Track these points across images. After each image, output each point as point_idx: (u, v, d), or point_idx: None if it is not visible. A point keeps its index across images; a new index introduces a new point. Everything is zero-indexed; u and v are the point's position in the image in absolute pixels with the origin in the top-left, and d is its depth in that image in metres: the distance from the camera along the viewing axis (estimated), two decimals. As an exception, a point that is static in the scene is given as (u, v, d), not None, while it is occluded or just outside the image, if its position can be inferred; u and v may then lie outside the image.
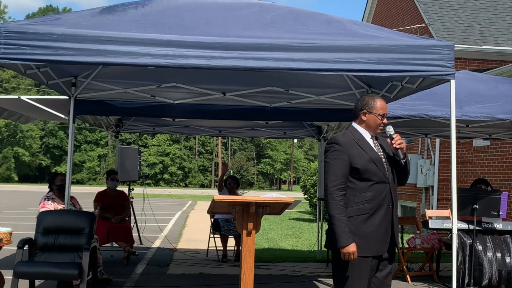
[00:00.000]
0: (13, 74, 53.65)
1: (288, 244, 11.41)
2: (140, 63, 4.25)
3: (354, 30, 4.67)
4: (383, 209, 3.64)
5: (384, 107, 3.79)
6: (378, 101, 3.79)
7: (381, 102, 3.80)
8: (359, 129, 3.78)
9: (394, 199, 3.70)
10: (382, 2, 18.91)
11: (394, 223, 3.71)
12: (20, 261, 5.29)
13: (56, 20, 4.43)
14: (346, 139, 3.71)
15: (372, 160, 3.65)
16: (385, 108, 3.81)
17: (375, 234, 3.61)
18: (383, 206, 3.64)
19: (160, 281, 7.21)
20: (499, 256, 6.96)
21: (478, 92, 7.17)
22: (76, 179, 53.79)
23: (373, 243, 3.61)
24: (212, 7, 4.91)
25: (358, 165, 3.62)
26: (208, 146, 64.01)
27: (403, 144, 3.69)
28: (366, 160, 3.64)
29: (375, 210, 3.61)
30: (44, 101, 7.57)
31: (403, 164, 3.74)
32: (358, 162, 3.63)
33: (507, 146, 11.67)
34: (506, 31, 14.27)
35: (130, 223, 9.05)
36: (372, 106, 3.75)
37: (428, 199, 14.21)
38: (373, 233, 3.61)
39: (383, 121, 3.77)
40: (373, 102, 3.77)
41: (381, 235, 3.64)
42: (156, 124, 9.01)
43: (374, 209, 3.61)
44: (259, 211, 3.97)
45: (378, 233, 3.62)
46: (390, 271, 3.80)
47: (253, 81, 6.27)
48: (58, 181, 6.77)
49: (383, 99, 3.86)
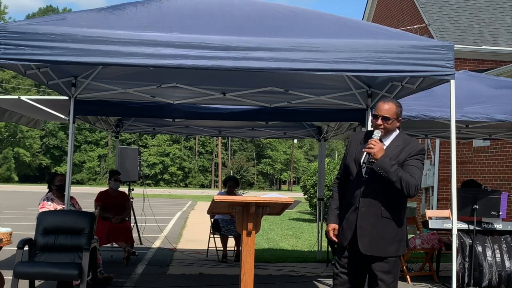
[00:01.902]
0: (13, 75, 53.64)
1: (288, 244, 11.41)
2: (140, 63, 4.25)
3: (355, 30, 4.68)
4: (352, 208, 3.87)
5: (379, 108, 3.91)
6: (379, 103, 3.97)
7: (379, 104, 3.95)
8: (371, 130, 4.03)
9: (367, 202, 3.81)
10: (382, 2, 18.91)
11: (358, 225, 3.83)
12: (20, 261, 5.29)
13: (56, 20, 4.43)
14: (357, 136, 4.06)
15: (354, 159, 3.90)
16: (379, 109, 3.91)
17: (343, 227, 3.94)
18: (353, 205, 3.87)
19: (160, 281, 7.21)
20: (499, 256, 6.96)
21: (478, 93, 7.17)
22: (76, 180, 53.79)
23: (341, 233, 3.96)
24: (212, 7, 4.91)
25: (346, 162, 3.99)
26: (208, 146, 64.03)
27: (369, 150, 3.79)
28: (350, 158, 3.94)
29: (348, 206, 3.91)
30: (44, 102, 7.57)
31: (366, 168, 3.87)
32: (347, 159, 3.99)
33: (507, 146, 11.66)
34: (506, 31, 14.27)
35: (130, 223, 9.06)
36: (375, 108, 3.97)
37: (428, 199, 14.21)
38: (342, 225, 3.95)
39: (376, 121, 3.90)
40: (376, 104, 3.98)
41: (346, 230, 3.92)
42: (156, 124, 9.01)
43: (348, 205, 3.91)
44: (259, 211, 3.97)
45: (345, 227, 3.92)
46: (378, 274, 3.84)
47: (253, 81, 6.27)
48: (57, 182, 6.77)
49: (385, 101, 3.95)
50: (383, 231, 3.82)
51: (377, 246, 3.81)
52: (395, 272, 3.90)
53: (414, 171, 3.79)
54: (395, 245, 3.85)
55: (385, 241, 3.81)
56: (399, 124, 3.99)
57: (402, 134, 4.00)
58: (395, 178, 3.72)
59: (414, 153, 3.85)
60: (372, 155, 3.76)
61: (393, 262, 3.87)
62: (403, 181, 3.72)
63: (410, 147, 3.87)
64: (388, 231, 3.82)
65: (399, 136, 3.97)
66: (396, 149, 3.87)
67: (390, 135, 3.95)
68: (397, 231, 3.85)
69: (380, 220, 3.81)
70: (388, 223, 3.81)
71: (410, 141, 3.94)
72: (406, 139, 3.97)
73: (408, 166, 3.81)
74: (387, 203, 3.80)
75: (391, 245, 3.83)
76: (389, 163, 3.75)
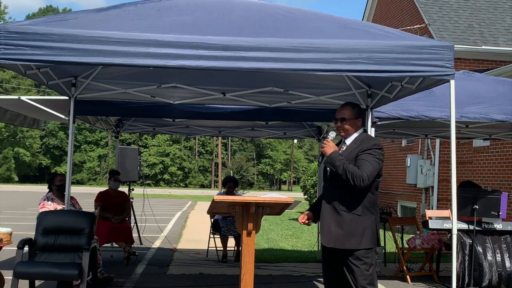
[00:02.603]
0: (13, 75, 53.64)
1: (288, 244, 11.41)
2: (140, 63, 4.25)
3: (355, 30, 4.68)
4: (325, 205, 4.12)
5: (337, 111, 4.29)
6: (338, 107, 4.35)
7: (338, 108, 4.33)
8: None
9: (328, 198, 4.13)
10: (382, 2, 18.91)
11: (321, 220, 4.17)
12: (20, 262, 5.30)
13: (56, 20, 4.43)
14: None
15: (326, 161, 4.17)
16: (337, 113, 4.28)
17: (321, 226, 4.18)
18: (325, 203, 4.12)
19: (160, 281, 7.22)
20: (499, 256, 6.96)
21: (478, 93, 7.17)
22: (76, 180, 53.79)
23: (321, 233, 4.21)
24: (212, 7, 4.91)
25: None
26: (208, 146, 64.02)
27: (322, 148, 4.14)
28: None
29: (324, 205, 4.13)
30: (44, 102, 7.57)
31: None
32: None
33: (507, 146, 11.66)
34: (506, 31, 14.27)
35: (130, 224, 9.06)
36: None
37: (428, 199, 14.21)
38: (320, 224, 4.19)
39: (336, 124, 4.26)
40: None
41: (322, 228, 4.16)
42: (156, 124, 9.01)
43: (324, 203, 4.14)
44: (259, 211, 3.97)
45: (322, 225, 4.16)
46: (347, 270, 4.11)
47: (253, 81, 6.27)
48: (57, 182, 6.78)
49: (342, 104, 4.36)
50: (342, 225, 4.03)
51: (336, 239, 4.04)
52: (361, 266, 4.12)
53: (362, 163, 4.00)
54: (356, 238, 4.02)
55: (344, 235, 4.01)
56: (360, 123, 4.27)
57: (364, 134, 4.27)
58: (341, 171, 3.97)
59: (366, 148, 4.07)
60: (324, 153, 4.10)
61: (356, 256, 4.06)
62: (349, 172, 3.94)
63: (365, 144, 4.12)
64: (347, 224, 4.02)
65: (360, 136, 4.23)
66: (353, 146, 4.15)
67: (352, 135, 4.23)
68: (356, 225, 4.03)
69: (338, 214, 4.04)
70: (346, 217, 4.02)
71: (367, 139, 4.20)
72: (365, 137, 4.23)
73: (359, 160, 4.04)
74: (343, 198, 4.03)
75: (351, 238, 4.01)
76: (336, 158, 4.04)
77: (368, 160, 4.02)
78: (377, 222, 4.24)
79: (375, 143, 4.13)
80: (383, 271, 8.31)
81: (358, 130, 4.25)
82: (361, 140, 4.18)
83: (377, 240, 4.25)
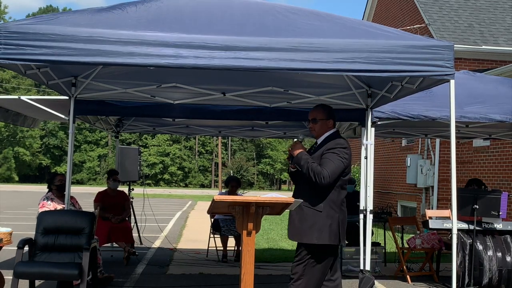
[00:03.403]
0: (13, 74, 53.63)
1: (288, 244, 11.40)
2: (140, 63, 4.24)
3: (355, 30, 4.67)
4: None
5: (309, 113, 4.49)
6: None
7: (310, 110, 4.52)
8: None
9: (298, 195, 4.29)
10: (382, 2, 18.91)
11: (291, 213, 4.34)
12: (20, 261, 5.30)
13: (55, 19, 4.42)
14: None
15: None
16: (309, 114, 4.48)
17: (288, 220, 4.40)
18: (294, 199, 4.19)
19: (160, 281, 7.22)
20: (499, 256, 6.96)
21: (478, 93, 7.17)
22: (76, 179, 53.78)
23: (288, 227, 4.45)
24: (212, 7, 4.91)
25: None
26: (208, 146, 64.00)
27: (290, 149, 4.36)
28: None
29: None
30: (44, 101, 7.57)
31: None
32: None
33: (507, 146, 11.66)
34: (506, 31, 14.27)
35: (130, 223, 9.06)
36: None
37: (428, 199, 14.21)
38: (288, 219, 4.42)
39: (308, 125, 4.48)
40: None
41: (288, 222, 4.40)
42: (156, 124, 9.01)
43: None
44: (259, 211, 3.96)
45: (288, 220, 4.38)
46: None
47: (253, 81, 6.27)
48: (57, 181, 6.78)
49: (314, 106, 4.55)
50: (303, 219, 4.25)
51: (297, 233, 4.30)
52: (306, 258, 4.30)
53: (325, 162, 4.22)
54: (315, 233, 4.23)
55: (304, 229, 4.25)
56: (331, 124, 4.48)
57: (334, 134, 4.45)
58: (305, 170, 4.20)
59: (330, 147, 4.31)
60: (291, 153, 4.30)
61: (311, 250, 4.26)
62: (311, 170, 4.17)
63: (330, 143, 4.32)
64: (307, 219, 4.23)
65: (331, 136, 4.43)
66: (321, 146, 4.35)
67: (323, 135, 4.44)
68: (317, 220, 4.22)
69: (302, 209, 4.25)
70: (307, 212, 4.22)
71: (334, 138, 4.39)
72: (333, 137, 4.41)
73: (323, 159, 4.25)
74: (307, 194, 4.25)
75: (310, 233, 4.23)
76: (301, 157, 4.24)
77: (331, 159, 4.22)
78: (341, 221, 4.35)
79: (340, 142, 4.34)
80: (383, 271, 8.32)
81: (329, 130, 4.46)
82: (330, 139, 4.39)
83: (338, 238, 4.35)
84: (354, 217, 6.67)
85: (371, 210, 6.09)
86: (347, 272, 8.06)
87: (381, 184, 17.34)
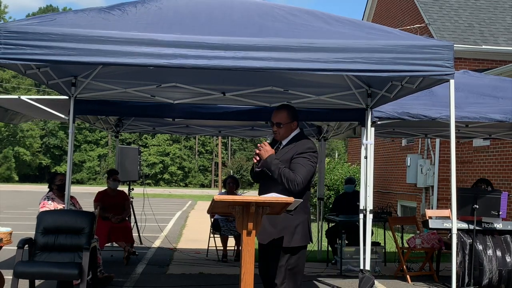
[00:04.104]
0: (13, 74, 53.63)
1: (288, 244, 11.39)
2: (140, 63, 4.24)
3: (355, 30, 4.67)
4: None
5: (273, 115, 4.42)
6: (274, 111, 4.46)
7: (274, 111, 4.45)
8: None
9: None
10: (382, 2, 18.91)
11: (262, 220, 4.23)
12: (20, 261, 5.30)
13: (55, 19, 4.42)
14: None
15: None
16: (273, 116, 4.42)
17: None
18: None
19: (160, 281, 7.22)
20: (499, 256, 6.96)
21: (478, 93, 7.17)
22: (76, 179, 53.76)
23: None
24: (212, 7, 4.91)
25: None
26: (208, 146, 63.99)
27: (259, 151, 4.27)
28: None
29: None
30: (44, 101, 7.57)
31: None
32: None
33: (507, 146, 11.66)
34: (506, 31, 14.27)
35: (130, 223, 9.06)
36: None
37: (428, 199, 14.21)
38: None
39: (272, 128, 4.42)
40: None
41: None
42: (156, 123, 9.01)
43: None
44: (259, 211, 3.96)
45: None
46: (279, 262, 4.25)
47: (253, 81, 6.27)
48: (58, 181, 6.78)
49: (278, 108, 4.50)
50: (275, 223, 4.21)
51: (269, 237, 4.22)
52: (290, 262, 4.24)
53: (297, 167, 4.18)
54: (287, 236, 4.20)
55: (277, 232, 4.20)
56: (295, 126, 4.42)
57: (300, 135, 4.42)
58: (276, 175, 4.16)
59: (300, 151, 4.24)
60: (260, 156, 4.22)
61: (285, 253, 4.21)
62: (283, 177, 4.13)
63: (299, 146, 4.28)
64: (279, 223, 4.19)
65: (296, 136, 4.38)
66: (288, 148, 4.30)
67: (289, 136, 4.39)
68: (289, 223, 4.20)
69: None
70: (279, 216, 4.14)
71: (302, 141, 4.34)
72: (300, 138, 4.37)
73: (294, 164, 4.21)
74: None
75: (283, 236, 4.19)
76: (271, 162, 4.18)
77: (303, 164, 4.20)
78: (309, 221, 4.39)
79: (309, 146, 4.30)
80: (383, 270, 8.32)
81: (294, 131, 4.42)
82: (296, 141, 4.34)
83: (310, 237, 4.38)
84: (354, 217, 6.68)
85: (371, 210, 6.10)
86: (347, 272, 8.06)
87: (381, 184, 17.35)
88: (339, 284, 7.32)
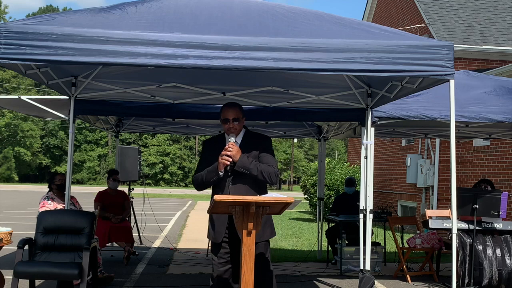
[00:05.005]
0: (13, 74, 53.65)
1: (288, 244, 11.41)
2: (140, 63, 4.25)
3: (355, 30, 4.67)
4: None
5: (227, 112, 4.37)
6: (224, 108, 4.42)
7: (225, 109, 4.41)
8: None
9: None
10: (382, 2, 18.91)
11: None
12: (20, 261, 5.30)
13: (55, 19, 4.42)
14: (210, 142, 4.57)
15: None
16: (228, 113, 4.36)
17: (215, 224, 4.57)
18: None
19: (160, 281, 7.22)
20: (499, 256, 6.96)
21: (478, 93, 7.17)
22: (76, 179, 53.77)
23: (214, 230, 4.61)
24: (212, 7, 4.91)
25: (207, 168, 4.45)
26: (208, 146, 63.93)
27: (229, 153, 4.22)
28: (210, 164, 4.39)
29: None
30: (44, 101, 7.58)
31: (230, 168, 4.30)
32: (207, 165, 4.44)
33: (507, 146, 11.66)
34: (506, 31, 14.27)
35: (130, 223, 9.06)
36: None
37: (428, 199, 14.21)
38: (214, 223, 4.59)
39: (229, 125, 4.36)
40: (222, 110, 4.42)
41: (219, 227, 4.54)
42: (156, 123, 9.01)
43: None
44: (259, 211, 3.96)
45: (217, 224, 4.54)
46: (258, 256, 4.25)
47: (253, 81, 6.28)
48: (58, 181, 6.78)
49: (229, 105, 4.44)
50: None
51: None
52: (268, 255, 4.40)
53: (269, 160, 4.33)
54: (268, 229, 4.39)
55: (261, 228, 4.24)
56: (244, 121, 4.48)
57: (248, 131, 4.51)
58: (256, 173, 4.25)
59: (265, 145, 4.40)
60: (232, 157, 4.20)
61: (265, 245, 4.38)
62: (264, 172, 4.25)
63: (260, 141, 4.42)
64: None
65: (247, 133, 4.47)
66: (248, 145, 4.36)
67: (240, 135, 4.45)
68: (267, 217, 4.33)
69: None
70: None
71: (258, 136, 4.51)
72: (254, 134, 4.51)
73: (263, 157, 4.33)
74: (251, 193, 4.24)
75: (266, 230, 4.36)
76: (247, 161, 4.24)
77: (271, 155, 4.39)
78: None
79: (267, 137, 4.51)
80: (383, 270, 8.32)
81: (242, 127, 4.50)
82: (251, 137, 4.45)
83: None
84: (354, 217, 6.67)
85: (371, 210, 6.10)
86: (347, 272, 8.06)
87: (381, 184, 17.35)
88: (339, 284, 7.32)
